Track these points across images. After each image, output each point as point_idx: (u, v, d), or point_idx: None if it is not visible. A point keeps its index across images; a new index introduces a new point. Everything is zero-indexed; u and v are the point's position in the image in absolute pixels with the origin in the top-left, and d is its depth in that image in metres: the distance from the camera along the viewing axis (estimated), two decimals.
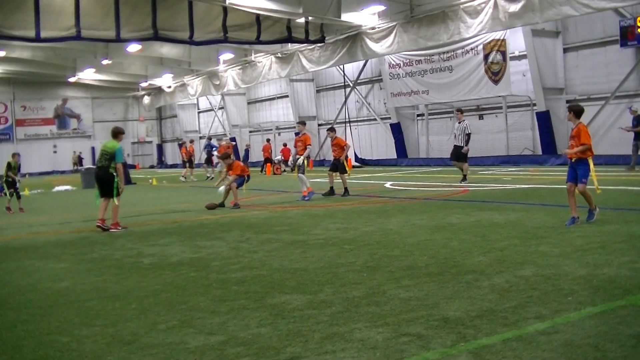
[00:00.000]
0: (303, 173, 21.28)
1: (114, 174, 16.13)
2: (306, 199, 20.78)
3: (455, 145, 24.48)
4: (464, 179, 23.62)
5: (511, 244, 10.71)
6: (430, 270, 9.02)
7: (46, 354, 6.37)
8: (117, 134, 16.77)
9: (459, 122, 24.55)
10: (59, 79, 67.36)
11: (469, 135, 24.12)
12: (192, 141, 45.68)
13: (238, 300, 7.97)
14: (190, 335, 6.67)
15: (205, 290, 8.66)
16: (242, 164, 21.89)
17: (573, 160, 12.39)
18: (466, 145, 23.98)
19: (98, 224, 16.22)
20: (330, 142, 22.91)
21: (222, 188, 20.43)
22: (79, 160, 69.31)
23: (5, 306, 8.52)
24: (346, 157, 22.61)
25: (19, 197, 24.42)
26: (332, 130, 23.04)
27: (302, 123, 23.17)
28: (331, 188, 21.92)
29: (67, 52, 50.00)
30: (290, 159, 23.85)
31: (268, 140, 51.90)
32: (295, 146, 22.34)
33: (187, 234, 14.63)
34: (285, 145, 48.62)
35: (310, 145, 21.83)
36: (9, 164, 24.84)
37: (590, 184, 12.37)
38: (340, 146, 22.10)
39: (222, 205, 20.10)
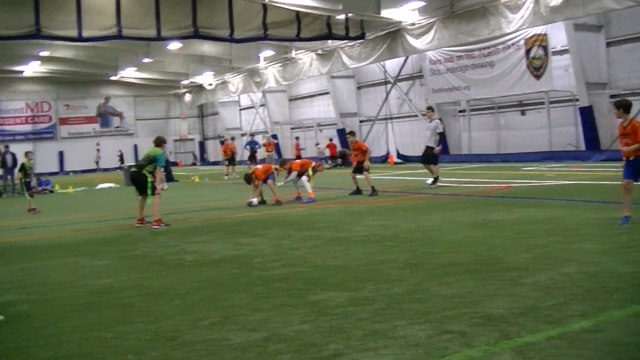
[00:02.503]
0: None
1: (147, 174, 16.42)
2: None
3: (426, 146, 23.64)
4: (435, 181, 22.88)
5: (554, 241, 10.63)
6: (472, 268, 8.97)
7: (89, 349, 6.43)
8: (160, 142, 17.41)
9: (430, 121, 23.79)
10: (101, 78, 67.87)
11: (440, 134, 23.35)
12: (233, 138, 45.84)
13: (280, 297, 7.99)
14: (232, 332, 6.69)
15: (247, 287, 8.69)
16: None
17: (631, 158, 11.89)
18: (437, 146, 23.17)
19: (137, 224, 16.46)
20: (350, 146, 22.89)
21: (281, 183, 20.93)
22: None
23: (50, 302, 8.61)
24: (344, 154, 22.79)
25: (32, 195, 24.28)
26: (352, 134, 22.99)
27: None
28: (357, 188, 21.93)
29: (108, 51, 50.33)
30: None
31: (297, 138, 52.01)
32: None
33: (228, 231, 14.70)
34: (330, 140, 48.72)
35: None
36: (22, 165, 25.01)
37: None
38: (362, 150, 22.04)
39: (263, 202, 20.20)
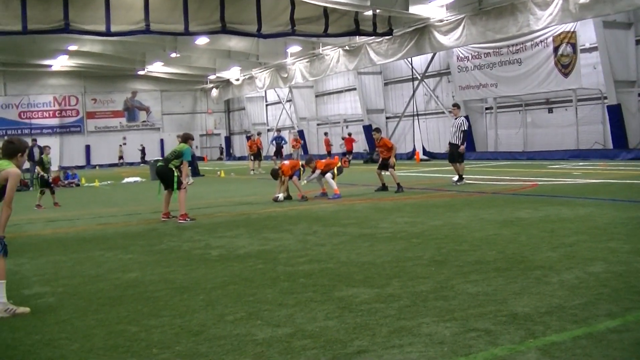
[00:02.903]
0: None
1: (173, 169, 16.54)
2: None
3: (450, 143, 23.51)
4: (460, 179, 22.80)
5: (580, 240, 10.57)
6: (498, 265, 8.95)
7: (116, 343, 6.46)
8: (186, 139, 17.61)
9: (455, 118, 23.65)
10: (129, 72, 68.27)
11: (464, 132, 23.11)
12: (259, 134, 45.89)
13: (305, 293, 8.00)
14: (257, 327, 6.71)
15: (273, 283, 8.71)
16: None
17: None
18: (462, 144, 23.04)
19: (163, 218, 16.56)
20: (375, 143, 22.78)
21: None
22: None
23: (76, 295, 8.67)
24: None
25: (52, 192, 24.17)
26: (377, 131, 22.94)
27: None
28: (383, 184, 21.89)
29: (136, 45, 50.64)
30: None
31: (326, 133, 51.98)
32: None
33: (254, 226, 14.72)
34: (350, 134, 48.61)
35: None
36: (40, 160, 24.74)
37: None
38: (387, 147, 21.98)
39: (289, 197, 20.25)
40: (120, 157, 71.93)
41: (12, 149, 8.38)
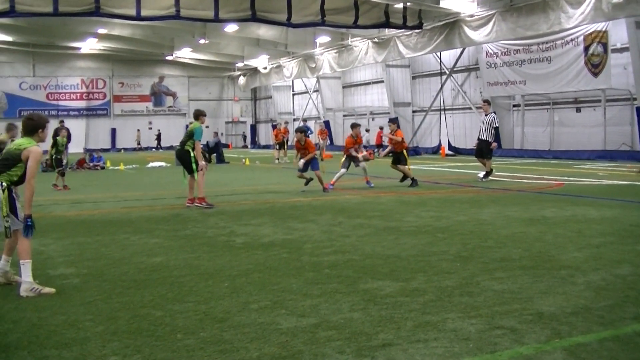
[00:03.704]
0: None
1: (189, 150, 16.54)
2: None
3: (479, 139, 23.38)
4: (487, 175, 22.63)
5: (607, 241, 10.51)
6: (524, 264, 8.92)
7: (140, 326, 6.49)
8: (197, 115, 17.84)
9: (485, 115, 23.53)
10: (157, 57, 68.41)
11: (496, 129, 23.15)
12: (286, 122, 45.90)
13: (330, 284, 8.00)
14: (281, 316, 6.72)
15: (297, 272, 8.71)
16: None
17: None
18: (494, 141, 23.06)
19: (187, 204, 16.60)
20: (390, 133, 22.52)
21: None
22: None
23: (101, 278, 8.71)
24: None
25: (62, 174, 23.52)
26: (393, 122, 22.87)
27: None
28: (410, 177, 21.49)
29: (165, 31, 50.71)
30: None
31: (381, 127, 51.89)
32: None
33: (279, 215, 14.74)
34: (381, 128, 48.58)
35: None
36: (55, 142, 24.28)
37: None
38: (398, 139, 21.79)
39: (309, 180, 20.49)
40: (138, 142, 71.96)
41: (32, 125, 8.40)
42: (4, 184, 8.12)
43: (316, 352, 5.64)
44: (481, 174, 22.76)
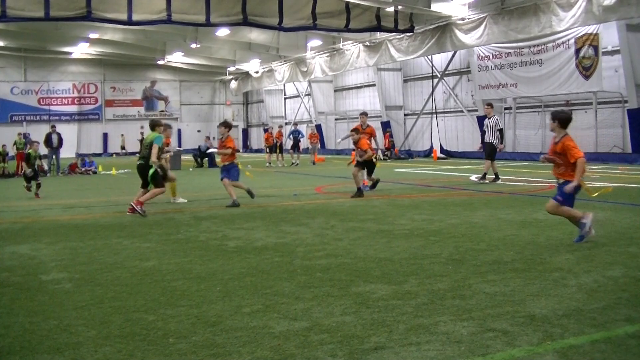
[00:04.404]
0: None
1: (151, 166, 16.41)
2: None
3: (485, 143, 23.39)
4: (484, 177, 22.77)
5: (599, 243, 10.54)
6: (516, 266, 8.93)
7: (132, 330, 6.48)
8: (154, 126, 17.28)
9: (488, 118, 23.49)
10: (149, 62, 68.44)
11: (501, 130, 23.24)
12: (280, 126, 45.89)
13: (322, 288, 8.00)
14: (274, 320, 6.71)
15: (290, 276, 8.71)
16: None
17: (560, 181, 11.16)
18: (501, 143, 23.12)
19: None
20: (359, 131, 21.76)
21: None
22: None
23: (94, 282, 8.69)
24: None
25: (30, 181, 22.24)
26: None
27: (365, 114, 23.16)
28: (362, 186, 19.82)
29: (157, 35, 50.71)
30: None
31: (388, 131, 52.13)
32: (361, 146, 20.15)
33: (272, 219, 14.73)
34: (388, 130, 48.76)
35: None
36: (28, 155, 23.14)
37: None
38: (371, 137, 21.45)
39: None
40: (122, 147, 71.67)
41: None
42: None
43: (309, 356, 5.64)
44: (475, 176, 22.77)
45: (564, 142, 10.61)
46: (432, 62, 46.79)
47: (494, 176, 22.73)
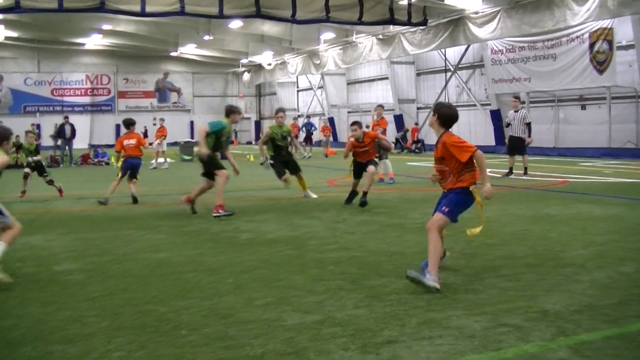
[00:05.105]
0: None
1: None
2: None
3: (511, 137, 23.52)
4: (510, 172, 22.84)
5: (612, 239, 10.49)
6: (528, 261, 8.91)
7: (144, 322, 6.49)
8: (128, 125, 17.93)
9: (515, 111, 23.57)
10: (161, 53, 68.39)
11: (529, 124, 23.28)
12: (295, 118, 45.81)
13: (334, 281, 7.99)
14: (286, 312, 6.71)
15: (302, 269, 8.71)
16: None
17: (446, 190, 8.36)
18: (529, 137, 23.22)
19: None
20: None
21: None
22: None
23: (105, 274, 8.71)
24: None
25: (50, 182, 19.55)
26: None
27: (381, 107, 22.89)
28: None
29: (169, 27, 50.67)
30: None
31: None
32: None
33: (283, 212, 14.74)
34: (416, 124, 48.75)
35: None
36: (21, 146, 21.23)
37: None
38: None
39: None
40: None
41: None
42: None
43: (321, 349, 5.64)
44: (502, 172, 22.66)
45: (444, 141, 7.98)
46: (445, 55, 46.67)
47: (507, 170, 22.70)
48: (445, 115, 8.14)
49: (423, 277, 7.46)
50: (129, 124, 18.22)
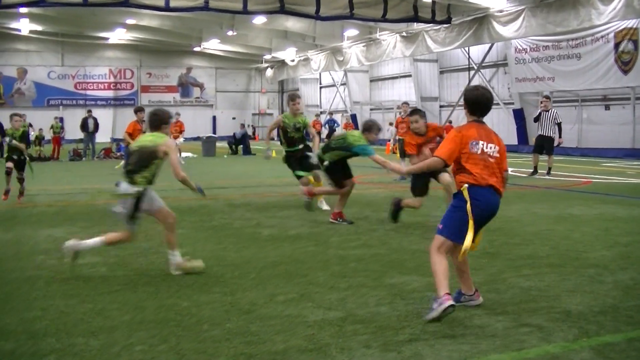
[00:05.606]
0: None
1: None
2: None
3: (540, 135, 23.41)
4: (535, 172, 22.75)
5: (635, 240, 10.45)
6: (551, 261, 8.88)
7: (166, 316, 6.53)
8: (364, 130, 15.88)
9: (546, 111, 23.34)
10: (184, 48, 68.47)
11: (559, 124, 23.19)
12: (317, 115, 45.80)
13: (357, 278, 8.00)
14: (308, 309, 6.73)
15: (324, 265, 8.72)
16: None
17: None
18: (560, 137, 23.23)
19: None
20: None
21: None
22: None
23: (128, 267, 8.78)
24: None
25: (20, 180, 16.68)
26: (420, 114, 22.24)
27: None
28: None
29: (193, 22, 50.74)
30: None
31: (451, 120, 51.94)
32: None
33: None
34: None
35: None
36: (4, 133, 17.71)
37: None
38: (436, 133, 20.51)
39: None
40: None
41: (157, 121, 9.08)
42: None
43: (343, 346, 5.65)
44: (527, 172, 22.57)
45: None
46: (468, 53, 46.50)
47: (532, 170, 22.62)
48: (471, 99, 7.10)
49: (430, 312, 6.20)
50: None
